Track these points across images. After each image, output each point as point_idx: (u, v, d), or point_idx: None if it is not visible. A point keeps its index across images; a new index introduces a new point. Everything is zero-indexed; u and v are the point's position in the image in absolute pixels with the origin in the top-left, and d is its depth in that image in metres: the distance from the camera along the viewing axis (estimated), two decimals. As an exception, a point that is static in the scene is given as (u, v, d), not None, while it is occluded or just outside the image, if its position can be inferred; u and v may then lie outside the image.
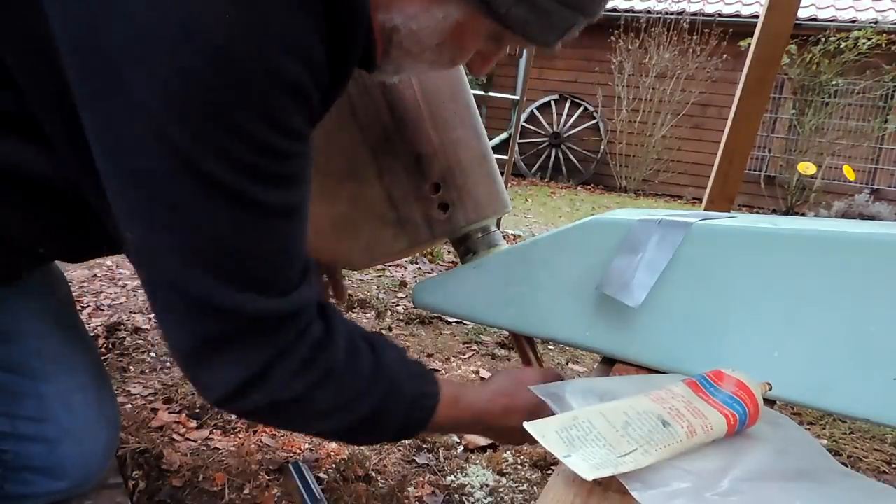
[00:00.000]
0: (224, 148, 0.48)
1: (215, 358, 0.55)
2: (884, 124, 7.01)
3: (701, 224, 0.74)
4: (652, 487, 0.51)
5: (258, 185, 0.51)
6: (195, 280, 0.52)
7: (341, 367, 0.61)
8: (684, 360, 0.75)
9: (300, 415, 0.62)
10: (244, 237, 0.52)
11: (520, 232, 4.03)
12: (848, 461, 1.51)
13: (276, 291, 0.55)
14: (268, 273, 0.55)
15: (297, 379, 0.58)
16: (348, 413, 0.62)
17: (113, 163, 0.50)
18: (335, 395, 0.61)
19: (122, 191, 0.51)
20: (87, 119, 0.50)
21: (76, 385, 0.84)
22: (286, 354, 0.57)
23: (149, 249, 0.53)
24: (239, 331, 0.54)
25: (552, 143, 8.10)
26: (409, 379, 0.67)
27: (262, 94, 0.48)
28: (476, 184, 0.90)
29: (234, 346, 0.55)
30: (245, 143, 0.49)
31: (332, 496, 1.16)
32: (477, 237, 0.92)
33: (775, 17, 1.82)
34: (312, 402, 0.60)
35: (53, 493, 0.83)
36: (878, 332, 0.65)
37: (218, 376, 0.56)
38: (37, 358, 0.81)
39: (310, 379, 0.59)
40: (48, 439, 0.80)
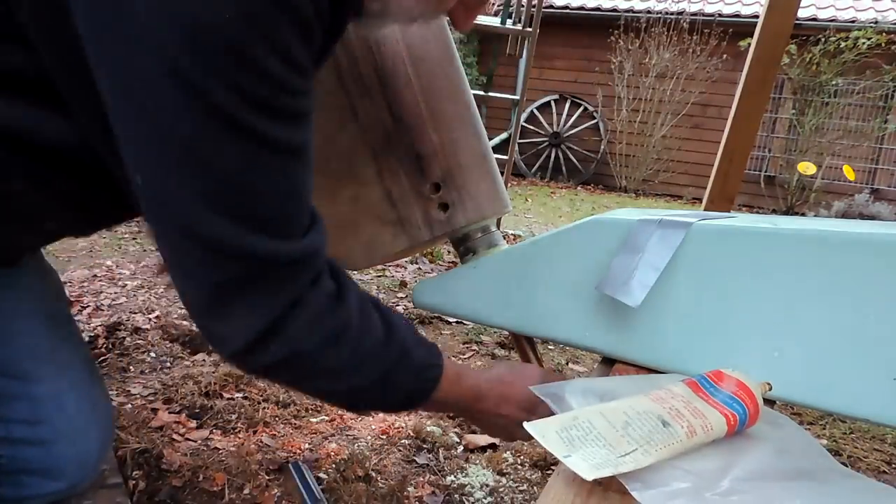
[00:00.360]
0: (236, 81, 0.48)
1: (231, 305, 0.55)
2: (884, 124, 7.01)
3: (701, 224, 0.74)
4: (652, 487, 0.51)
5: (269, 119, 0.51)
6: (207, 221, 0.51)
7: (355, 326, 0.61)
8: (684, 360, 0.75)
9: (314, 371, 0.61)
10: (255, 174, 0.52)
11: (520, 232, 4.03)
12: (848, 461, 1.51)
13: (286, 233, 0.55)
14: (278, 214, 0.55)
15: (313, 330, 0.58)
16: (360, 374, 0.62)
17: (122, 100, 0.50)
18: (349, 352, 0.61)
19: (131, 130, 0.50)
20: (96, 57, 0.49)
21: (68, 385, 0.83)
22: (301, 302, 0.57)
23: (158, 192, 0.52)
24: (253, 275, 0.54)
25: (552, 143, 8.10)
26: (418, 347, 0.67)
27: (274, 27, 0.48)
28: (476, 184, 0.90)
29: (248, 292, 0.54)
30: (257, 76, 0.49)
31: (332, 496, 1.16)
32: (477, 237, 0.92)
33: (775, 17, 1.82)
34: (327, 358, 0.60)
35: (50, 493, 0.82)
36: (878, 332, 0.65)
37: (236, 325, 0.56)
38: (29, 359, 0.80)
39: (325, 332, 0.59)
40: (43, 441, 0.79)
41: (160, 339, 1.76)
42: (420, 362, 0.67)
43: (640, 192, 7.85)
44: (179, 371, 1.58)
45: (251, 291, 0.55)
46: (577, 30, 7.99)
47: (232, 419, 1.38)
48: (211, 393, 1.46)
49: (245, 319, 0.55)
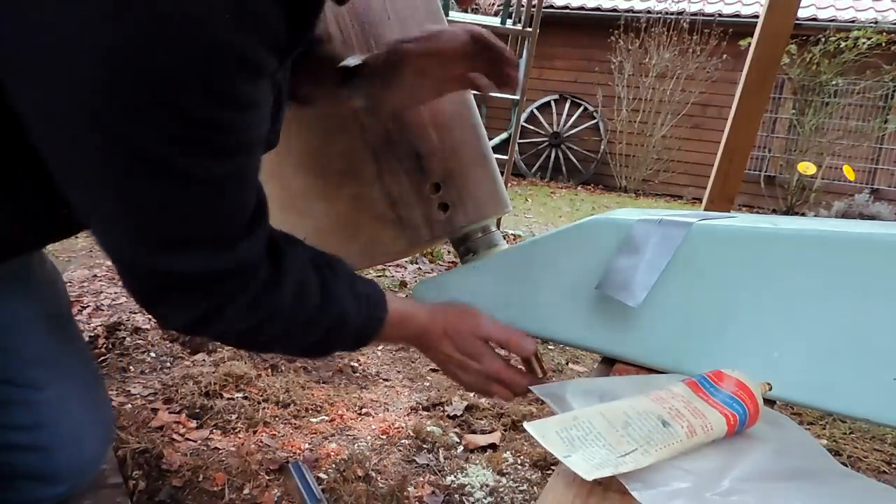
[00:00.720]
0: (162, 128, 0.46)
1: (162, 304, 0.59)
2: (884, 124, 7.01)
3: (701, 224, 0.74)
4: (652, 487, 0.51)
5: (201, 159, 0.49)
6: (127, 247, 0.54)
7: (287, 307, 0.64)
8: (684, 360, 0.75)
9: (251, 343, 0.68)
10: (186, 207, 0.52)
11: (520, 232, 4.03)
12: (848, 461, 1.51)
13: (217, 248, 0.56)
14: (209, 233, 0.55)
15: (243, 317, 0.61)
16: (295, 340, 0.68)
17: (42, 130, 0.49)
18: (281, 328, 0.65)
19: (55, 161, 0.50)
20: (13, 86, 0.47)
21: (70, 390, 0.83)
22: (229, 301, 0.59)
23: (85, 216, 0.54)
24: (179, 286, 0.57)
25: (552, 143, 8.10)
26: (356, 305, 0.70)
27: (204, 72, 0.44)
28: (476, 184, 0.90)
29: (175, 297, 0.58)
30: (185, 121, 0.46)
31: (332, 496, 1.16)
32: (477, 237, 0.92)
33: (775, 17, 1.82)
34: (261, 334, 0.64)
35: (50, 497, 0.82)
36: (878, 332, 0.65)
37: (169, 317, 0.61)
38: (31, 366, 0.80)
39: (256, 317, 0.62)
40: (43, 447, 0.79)
41: (160, 339, 1.76)
42: (358, 322, 0.70)
43: (640, 192, 7.85)
44: (179, 371, 1.58)
45: (179, 297, 0.58)
46: (577, 30, 7.99)
47: (232, 419, 1.38)
48: (211, 393, 1.46)
49: (176, 312, 0.60)
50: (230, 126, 0.49)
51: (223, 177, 0.52)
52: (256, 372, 1.58)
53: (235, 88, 0.47)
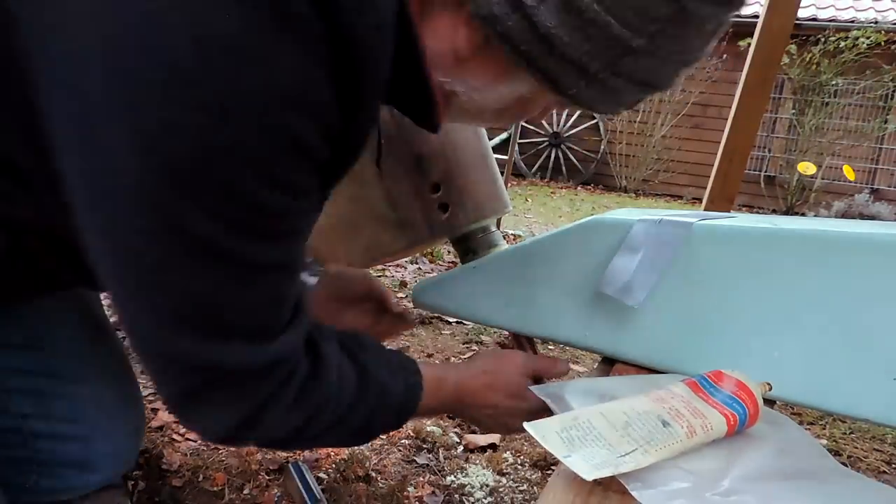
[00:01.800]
0: (213, 207, 0.45)
1: (202, 407, 0.54)
2: (884, 124, 7.01)
3: (701, 224, 0.74)
4: (652, 487, 0.51)
5: (248, 243, 0.48)
6: (173, 339, 0.50)
7: (333, 396, 0.60)
8: (684, 360, 0.75)
9: (298, 441, 0.62)
10: (228, 294, 0.49)
11: (520, 232, 4.03)
12: (848, 461, 1.51)
13: (259, 341, 0.53)
14: (251, 324, 0.53)
15: (289, 416, 0.57)
16: (344, 428, 0.63)
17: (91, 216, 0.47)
18: (329, 419, 0.61)
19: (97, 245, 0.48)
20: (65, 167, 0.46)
21: (106, 383, 0.86)
22: (274, 399, 0.56)
23: (126, 303, 0.50)
24: (221, 382, 0.53)
25: (552, 143, 8.10)
26: (393, 377, 0.67)
27: (259, 152, 0.44)
28: (476, 184, 0.90)
29: (218, 396, 0.53)
30: (237, 202, 0.45)
31: (332, 496, 1.16)
32: (477, 237, 0.92)
33: (775, 17, 1.82)
34: (308, 431, 0.60)
35: (87, 485, 0.86)
36: (878, 332, 0.65)
37: (209, 422, 0.55)
38: (70, 360, 0.83)
39: (302, 414, 0.58)
40: (82, 437, 0.83)
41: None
42: (398, 391, 0.67)
43: (640, 192, 7.85)
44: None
45: (222, 396, 0.53)
46: (577, 30, 7.98)
47: (232, 419, 1.38)
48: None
49: (217, 417, 0.55)
50: (280, 211, 0.48)
51: (269, 263, 0.50)
52: (256, 372, 1.58)
53: (288, 172, 0.47)
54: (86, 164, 0.45)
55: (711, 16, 0.48)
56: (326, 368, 0.59)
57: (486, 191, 0.90)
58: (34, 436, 0.80)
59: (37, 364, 0.81)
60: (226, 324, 0.51)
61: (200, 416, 0.55)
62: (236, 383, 0.53)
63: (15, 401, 0.79)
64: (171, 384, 0.53)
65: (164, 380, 0.53)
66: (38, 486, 0.82)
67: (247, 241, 0.47)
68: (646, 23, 0.47)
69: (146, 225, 0.45)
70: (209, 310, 0.49)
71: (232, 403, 0.54)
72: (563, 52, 0.48)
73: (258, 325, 0.53)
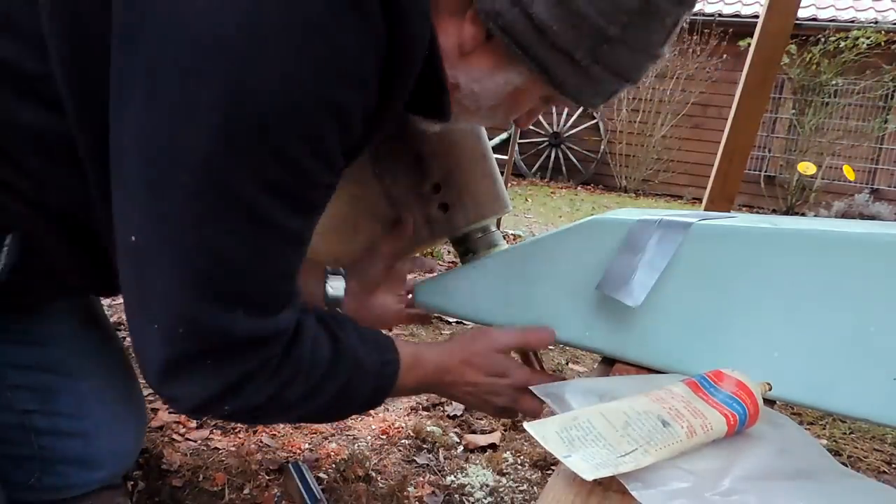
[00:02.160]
0: (262, 170, 0.48)
1: (191, 372, 0.55)
2: (884, 124, 7.01)
3: (701, 224, 0.74)
4: (652, 487, 0.51)
5: (283, 209, 0.51)
6: (187, 298, 0.51)
7: (307, 364, 0.61)
8: (684, 360, 0.75)
9: (272, 412, 0.62)
10: (252, 259, 0.52)
11: (520, 232, 4.03)
12: (848, 461, 1.51)
13: (265, 312, 0.55)
14: (262, 295, 0.55)
15: (268, 384, 0.58)
16: (317, 398, 0.63)
17: (138, 165, 0.49)
18: (303, 388, 0.61)
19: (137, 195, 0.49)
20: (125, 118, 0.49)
21: (108, 380, 0.87)
22: (260, 370, 0.57)
23: (149, 259, 0.51)
24: (219, 349, 0.54)
25: (552, 143, 8.10)
26: (368, 352, 0.67)
27: (316, 121, 0.48)
28: (476, 184, 0.90)
29: (209, 363, 0.54)
30: (284, 167, 0.49)
31: (332, 496, 1.16)
32: (477, 237, 0.92)
33: (775, 17, 1.82)
34: (282, 399, 0.60)
35: (89, 482, 0.86)
36: (878, 332, 0.65)
37: (191, 389, 0.55)
38: (72, 356, 0.83)
39: (280, 381, 0.59)
40: (85, 433, 0.83)
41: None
42: (373, 366, 0.67)
43: (640, 192, 7.86)
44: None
45: (216, 361, 0.55)
46: (577, 30, 7.98)
47: (232, 419, 1.38)
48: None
49: (202, 383, 0.55)
50: (316, 180, 0.52)
51: (293, 234, 0.54)
52: (256, 372, 1.58)
53: (331, 143, 0.51)
54: (147, 122, 0.47)
55: (671, 10, 0.57)
56: (302, 338, 0.61)
57: (486, 191, 0.90)
58: (36, 432, 0.80)
59: (38, 359, 0.80)
60: (241, 292, 0.53)
61: (184, 383, 0.55)
62: (232, 352, 0.54)
63: (17, 397, 0.78)
64: (169, 346, 0.53)
65: (164, 340, 0.53)
66: (40, 484, 0.82)
67: (280, 207, 0.50)
68: (619, 14, 0.54)
69: (195, 181, 0.47)
70: (231, 275, 0.52)
71: (220, 371, 0.55)
72: (553, 40, 0.55)
73: (268, 297, 0.55)
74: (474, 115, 0.66)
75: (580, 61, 0.57)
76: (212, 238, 0.49)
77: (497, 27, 0.56)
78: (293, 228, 0.53)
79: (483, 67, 0.60)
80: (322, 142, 0.50)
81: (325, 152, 0.51)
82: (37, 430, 0.80)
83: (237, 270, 0.52)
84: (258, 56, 0.45)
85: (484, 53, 0.59)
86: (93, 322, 0.89)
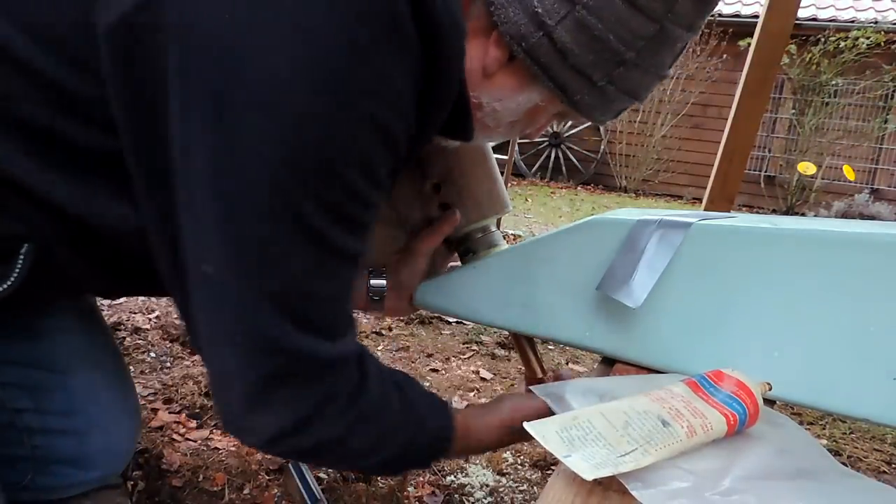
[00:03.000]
0: (324, 195, 0.51)
1: (272, 397, 0.56)
2: (884, 124, 7.01)
3: (701, 224, 0.74)
4: (652, 487, 0.51)
5: (343, 230, 0.54)
6: (266, 318, 0.53)
7: (376, 409, 0.62)
8: (684, 360, 0.75)
9: (338, 454, 0.63)
10: (320, 280, 0.54)
11: (520, 232, 4.03)
12: (848, 461, 1.51)
13: (331, 336, 0.57)
14: (329, 318, 0.57)
15: (337, 423, 0.59)
16: (382, 450, 0.64)
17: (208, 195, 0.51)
18: (371, 434, 0.63)
19: (208, 223, 0.51)
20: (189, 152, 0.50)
21: (101, 378, 0.86)
22: (332, 398, 0.58)
23: (225, 284, 0.53)
24: (296, 372, 0.56)
25: (552, 143, 8.10)
26: (431, 413, 0.68)
27: (368, 146, 0.51)
28: (476, 184, 0.90)
29: (288, 387, 0.56)
30: (342, 190, 0.52)
31: (332, 496, 1.16)
32: (477, 237, 0.92)
33: (775, 17, 1.82)
34: (350, 443, 0.61)
35: (83, 482, 0.85)
36: (878, 332, 0.65)
37: (268, 418, 0.57)
38: (64, 353, 0.83)
39: (348, 421, 0.60)
40: (77, 432, 0.82)
41: (160, 338, 1.76)
42: (435, 427, 0.68)
43: (640, 192, 7.86)
44: (179, 371, 1.58)
45: (292, 387, 0.56)
46: (577, 30, 7.98)
47: (232, 419, 1.38)
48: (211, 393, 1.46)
49: (279, 412, 0.57)
50: (369, 202, 0.55)
51: (351, 255, 0.56)
52: (256, 372, 1.58)
53: (380, 164, 0.54)
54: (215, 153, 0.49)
55: (681, 37, 0.60)
56: (371, 382, 0.62)
57: (486, 191, 0.90)
58: (29, 431, 0.79)
59: (31, 355, 0.80)
60: (310, 313, 0.55)
61: (265, 409, 0.56)
62: (306, 375, 0.56)
63: (8, 395, 0.78)
64: (251, 367, 0.54)
65: (246, 363, 0.54)
66: (34, 484, 0.81)
67: (340, 229, 0.53)
68: (636, 39, 0.58)
69: (266, 208, 0.50)
70: (301, 294, 0.54)
71: (297, 397, 0.56)
72: (573, 62, 0.58)
73: (332, 320, 0.58)
74: (493, 131, 0.69)
75: (597, 82, 0.60)
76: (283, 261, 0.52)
77: (521, 50, 0.58)
78: (351, 249, 0.56)
79: (505, 88, 0.63)
80: (374, 166, 0.53)
81: (376, 175, 0.54)
82: (29, 430, 0.79)
83: (307, 291, 0.54)
84: (314, 89, 0.48)
85: (506, 74, 0.62)
86: (87, 319, 0.88)
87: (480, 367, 1.85)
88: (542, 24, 0.57)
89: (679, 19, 0.58)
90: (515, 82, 0.62)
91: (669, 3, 0.56)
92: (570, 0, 0.56)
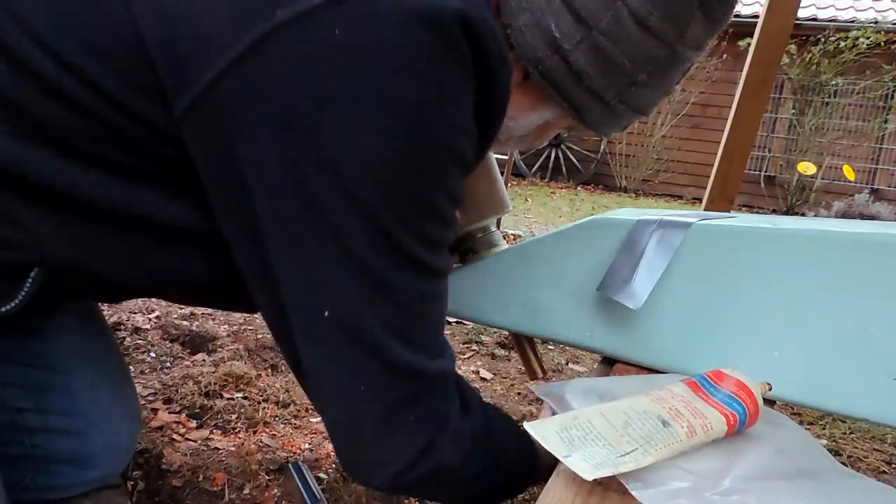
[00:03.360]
0: (417, 222, 0.53)
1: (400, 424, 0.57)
2: (884, 124, 7.01)
3: (701, 224, 0.74)
4: (652, 487, 0.51)
5: (434, 252, 0.56)
6: (388, 344, 0.54)
7: (483, 431, 0.63)
8: (684, 360, 0.75)
9: (454, 481, 0.63)
10: (425, 302, 0.57)
11: (520, 232, 4.03)
12: (848, 461, 1.51)
13: (436, 354, 0.59)
14: (432, 336, 0.59)
15: (455, 443, 0.60)
16: (493, 476, 0.65)
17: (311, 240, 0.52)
18: (482, 459, 0.63)
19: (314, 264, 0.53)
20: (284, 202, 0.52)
21: (102, 378, 0.86)
22: (447, 420, 0.59)
23: (343, 318, 0.54)
24: (421, 392, 0.57)
25: (552, 143, 8.10)
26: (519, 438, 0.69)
27: (448, 171, 0.54)
28: (476, 184, 0.90)
29: (416, 409, 0.57)
30: (432, 216, 0.54)
31: (332, 496, 1.16)
32: (477, 237, 0.92)
33: (775, 17, 1.82)
34: (467, 467, 0.62)
35: (84, 482, 0.85)
36: (878, 331, 0.65)
37: (399, 445, 0.57)
38: (66, 354, 0.83)
39: (465, 443, 0.61)
40: (78, 431, 0.83)
41: (160, 338, 1.76)
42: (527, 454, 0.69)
43: (640, 192, 7.86)
44: (179, 371, 1.58)
45: (418, 409, 0.57)
46: (577, 30, 7.98)
47: (232, 419, 1.38)
48: (211, 393, 1.46)
49: (409, 438, 0.57)
50: (450, 221, 0.58)
51: (445, 273, 0.59)
52: (256, 372, 1.58)
53: (458, 186, 0.57)
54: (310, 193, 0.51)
55: (691, 58, 0.62)
56: (473, 405, 0.63)
57: (486, 191, 0.90)
58: (29, 431, 0.79)
59: (31, 355, 0.80)
60: (419, 333, 0.57)
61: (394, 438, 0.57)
62: (431, 394, 0.58)
63: (9, 394, 0.78)
64: (384, 394, 0.56)
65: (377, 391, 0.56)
66: (35, 484, 0.81)
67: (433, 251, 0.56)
68: (649, 62, 0.59)
69: (364, 239, 0.52)
70: (413, 318, 0.56)
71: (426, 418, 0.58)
72: (588, 84, 0.60)
73: (435, 337, 0.60)
74: (503, 145, 0.71)
75: (609, 101, 0.62)
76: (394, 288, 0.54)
77: (537, 71, 0.60)
78: (444, 267, 0.58)
79: (519, 106, 0.64)
80: (453, 188, 0.56)
81: (454, 196, 0.56)
82: (29, 429, 0.79)
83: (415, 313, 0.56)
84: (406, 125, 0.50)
85: (520, 93, 0.63)
86: (87, 319, 0.89)
87: (480, 367, 1.85)
88: (559, 49, 0.58)
89: (690, 42, 0.60)
90: (529, 101, 0.64)
91: (682, 27, 0.58)
92: (587, 25, 0.57)
